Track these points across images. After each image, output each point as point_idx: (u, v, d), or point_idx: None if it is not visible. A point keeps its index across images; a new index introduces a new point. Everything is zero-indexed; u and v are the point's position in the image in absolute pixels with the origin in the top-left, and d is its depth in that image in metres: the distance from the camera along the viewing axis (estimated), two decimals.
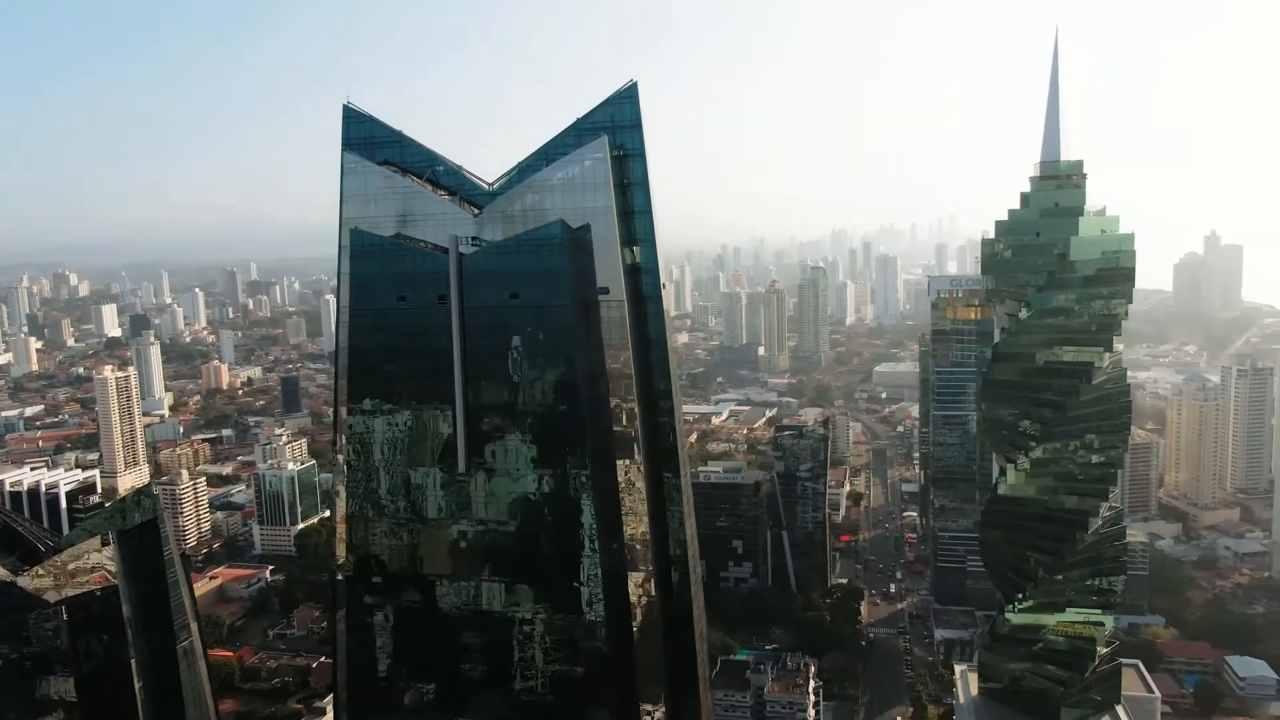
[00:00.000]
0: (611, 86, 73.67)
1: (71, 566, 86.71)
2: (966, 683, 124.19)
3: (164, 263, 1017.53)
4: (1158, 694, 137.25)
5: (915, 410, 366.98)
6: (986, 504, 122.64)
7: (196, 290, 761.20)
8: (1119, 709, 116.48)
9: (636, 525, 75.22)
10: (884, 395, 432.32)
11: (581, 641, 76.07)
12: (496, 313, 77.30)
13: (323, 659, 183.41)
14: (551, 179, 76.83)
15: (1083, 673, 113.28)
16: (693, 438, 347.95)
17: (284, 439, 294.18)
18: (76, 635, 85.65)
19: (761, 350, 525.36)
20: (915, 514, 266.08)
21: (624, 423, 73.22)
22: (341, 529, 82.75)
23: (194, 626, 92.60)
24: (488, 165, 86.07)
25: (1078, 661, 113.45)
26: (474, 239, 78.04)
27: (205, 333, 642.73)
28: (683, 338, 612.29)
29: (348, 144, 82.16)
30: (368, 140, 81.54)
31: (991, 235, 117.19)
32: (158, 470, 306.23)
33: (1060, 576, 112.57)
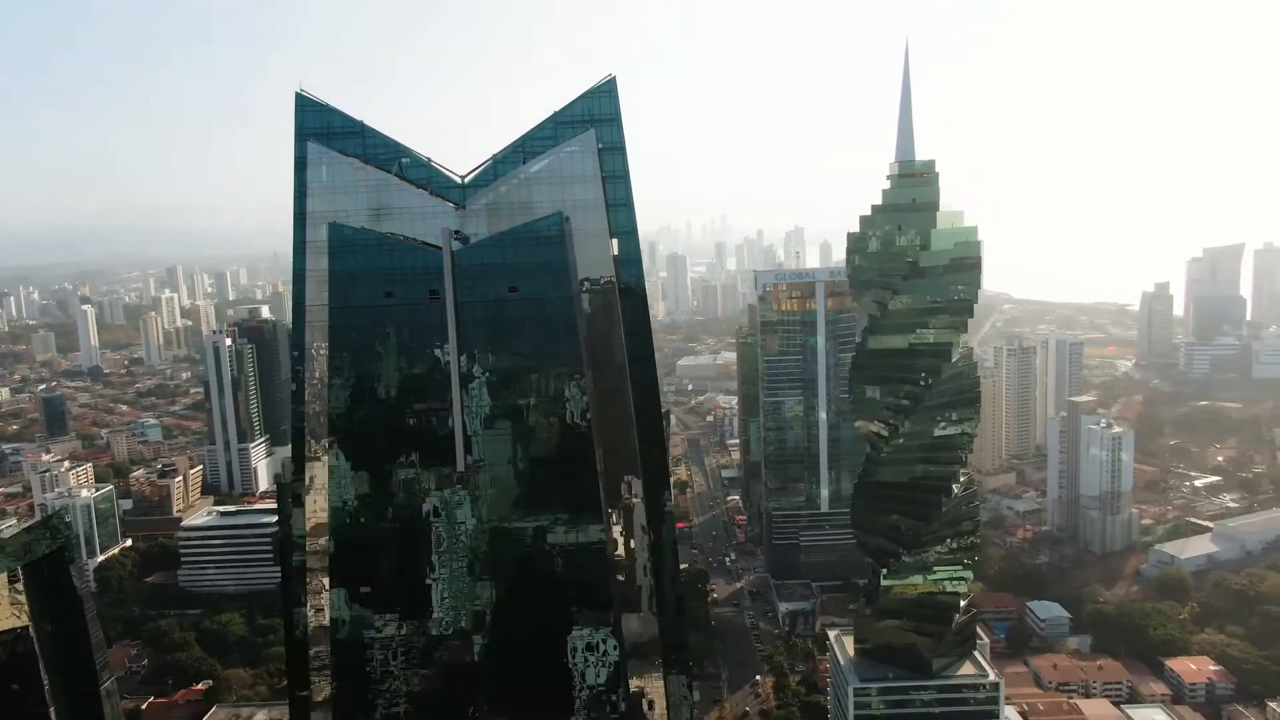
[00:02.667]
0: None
1: None
2: (842, 645, 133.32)
3: None
4: (986, 640, 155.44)
5: (723, 400, 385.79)
6: (858, 480, 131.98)
7: None
8: (975, 654, 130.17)
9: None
10: (690, 387, 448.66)
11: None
12: (494, 306, 75.59)
13: (153, 699, 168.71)
14: (539, 172, 75.86)
15: (949, 626, 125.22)
16: None
17: (64, 465, 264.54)
18: None
19: None
20: (738, 498, 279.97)
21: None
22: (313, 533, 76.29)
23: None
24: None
25: (944, 616, 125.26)
26: (456, 233, 75.72)
27: None
28: None
29: (302, 135, 76.87)
30: (323, 131, 76.32)
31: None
32: None
33: (928, 540, 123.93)
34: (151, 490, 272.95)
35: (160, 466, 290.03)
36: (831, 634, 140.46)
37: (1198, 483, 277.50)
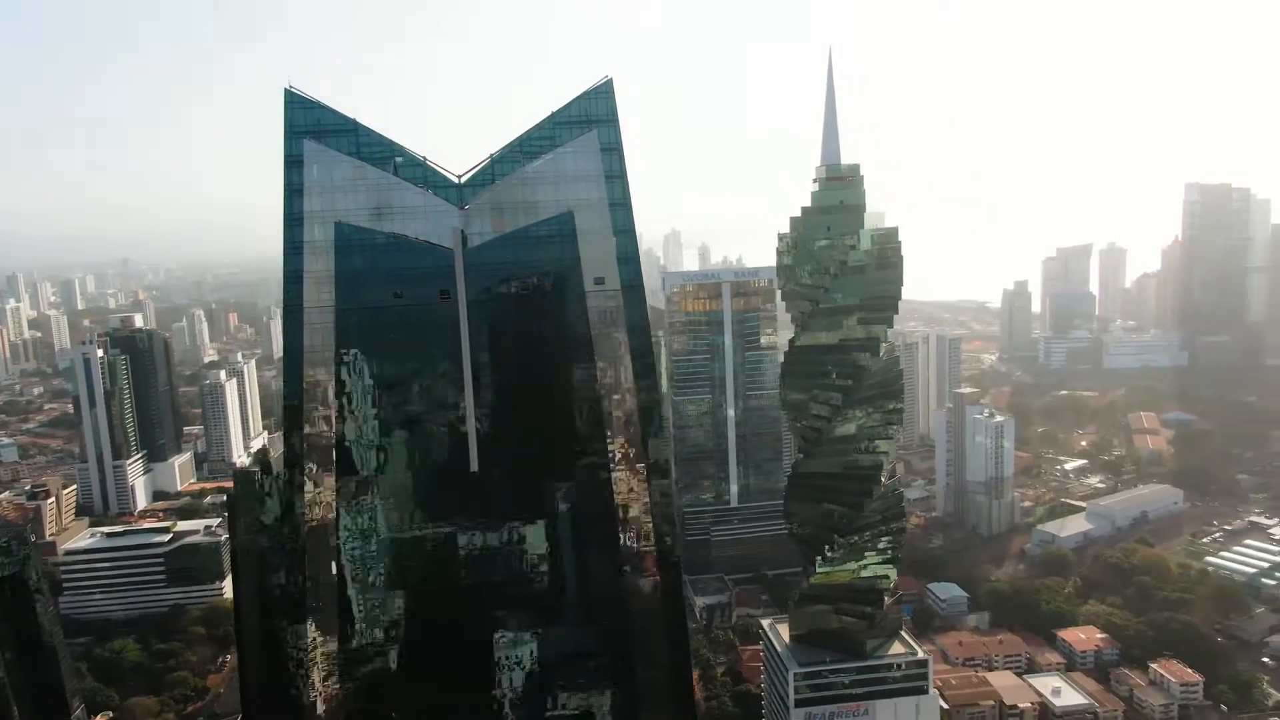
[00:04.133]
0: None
1: None
2: (776, 633, 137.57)
3: None
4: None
5: None
6: (790, 475, 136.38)
7: None
8: (902, 633, 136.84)
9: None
10: None
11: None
12: (506, 304, 74.70)
13: None
14: (543, 171, 75.31)
15: (881, 608, 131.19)
16: None
17: None
18: None
19: None
20: None
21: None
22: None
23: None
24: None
25: (876, 600, 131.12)
26: (461, 232, 74.38)
27: None
28: None
29: (292, 132, 73.67)
30: (314, 128, 73.14)
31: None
32: None
33: (860, 527, 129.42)
34: (18, 513, 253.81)
35: (29, 488, 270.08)
36: (765, 622, 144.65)
37: (1067, 466, 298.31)
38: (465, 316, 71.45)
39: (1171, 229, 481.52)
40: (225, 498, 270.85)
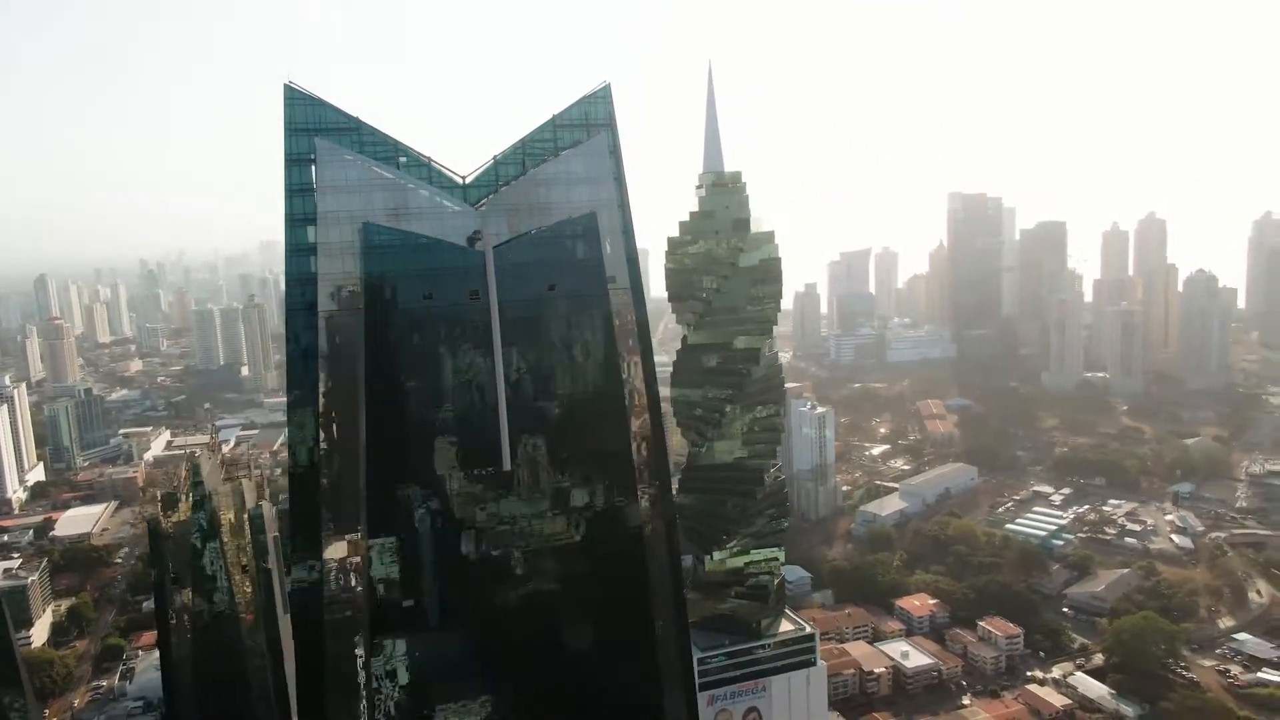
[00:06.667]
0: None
1: None
2: None
3: None
4: None
5: None
6: (683, 473, 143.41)
7: None
8: (787, 611, 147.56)
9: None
10: None
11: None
12: (533, 305, 74.68)
13: None
14: (555, 173, 75.91)
15: (770, 592, 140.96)
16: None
17: None
18: None
19: (245, 370, 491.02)
20: None
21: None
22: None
23: None
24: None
25: (767, 584, 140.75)
26: (476, 233, 73.52)
27: None
28: (135, 364, 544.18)
29: (292, 130, 69.87)
30: (314, 126, 70.44)
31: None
32: None
33: (751, 517, 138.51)
34: None
35: None
36: None
37: (873, 452, 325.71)
38: (496, 316, 71.75)
39: (936, 234, 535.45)
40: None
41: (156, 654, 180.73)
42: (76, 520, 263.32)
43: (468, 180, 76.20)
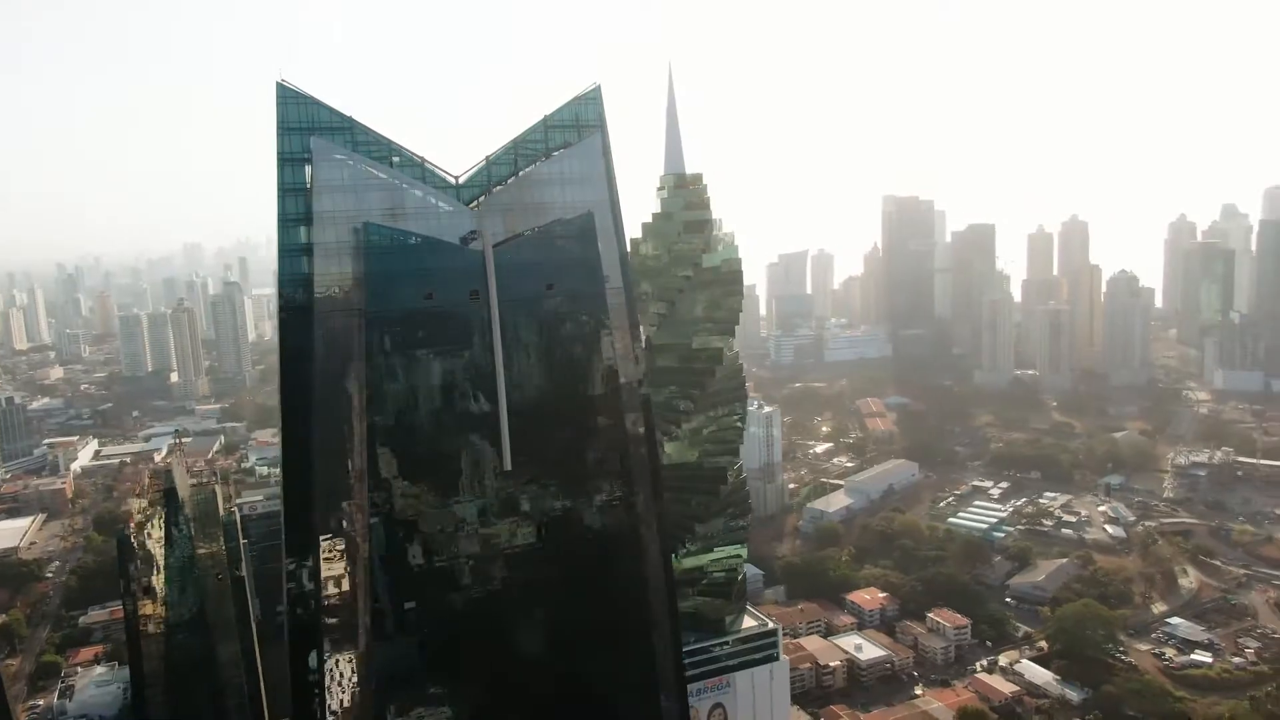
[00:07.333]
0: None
1: None
2: None
3: None
4: None
5: None
6: None
7: None
8: (749, 607, 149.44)
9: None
10: None
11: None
12: (532, 304, 74.02)
13: None
14: (550, 173, 75.32)
15: (733, 589, 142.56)
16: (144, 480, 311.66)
17: None
18: None
19: (174, 376, 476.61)
20: None
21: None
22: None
23: None
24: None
25: (729, 581, 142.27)
26: (472, 233, 72.58)
27: None
28: (56, 372, 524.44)
29: (285, 129, 68.02)
30: (307, 125, 68.61)
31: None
32: None
33: (714, 516, 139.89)
34: None
35: None
36: None
37: (817, 450, 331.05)
38: (497, 316, 71.41)
39: (871, 236, 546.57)
40: None
41: (97, 670, 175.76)
42: (2, 534, 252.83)
43: (461, 180, 75.78)
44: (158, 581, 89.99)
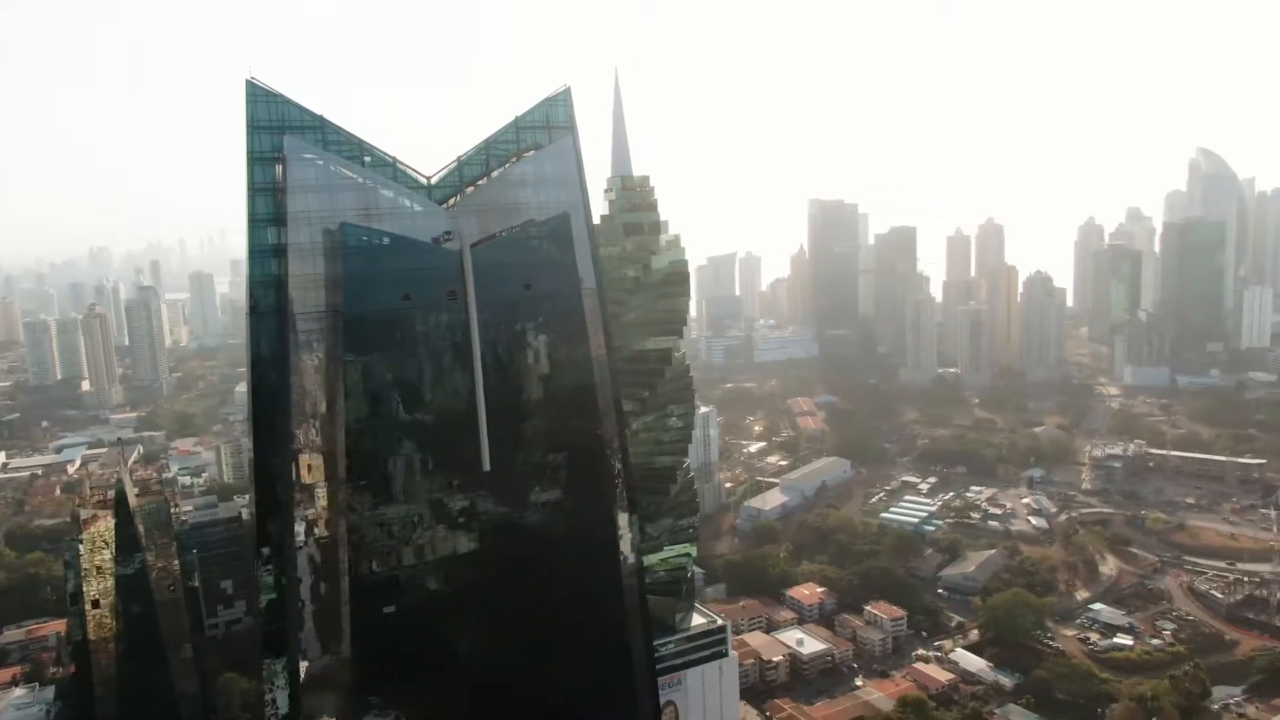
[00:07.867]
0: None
1: None
2: None
3: None
4: None
5: None
6: None
7: None
8: (697, 605, 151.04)
9: None
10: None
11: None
12: (509, 304, 73.30)
13: None
14: (524, 174, 74.42)
15: (682, 587, 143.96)
16: (56, 493, 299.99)
17: None
18: None
19: (86, 385, 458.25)
20: None
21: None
22: None
23: None
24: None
25: (678, 580, 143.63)
26: (447, 234, 71.36)
27: None
28: None
29: (255, 127, 65.82)
30: (278, 124, 66.54)
31: None
32: None
33: (664, 516, 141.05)
34: None
35: None
36: None
37: (751, 449, 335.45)
38: (475, 317, 70.91)
39: (797, 239, 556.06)
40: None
41: (16, 692, 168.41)
42: None
43: (433, 180, 75.24)
44: (104, 593, 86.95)
